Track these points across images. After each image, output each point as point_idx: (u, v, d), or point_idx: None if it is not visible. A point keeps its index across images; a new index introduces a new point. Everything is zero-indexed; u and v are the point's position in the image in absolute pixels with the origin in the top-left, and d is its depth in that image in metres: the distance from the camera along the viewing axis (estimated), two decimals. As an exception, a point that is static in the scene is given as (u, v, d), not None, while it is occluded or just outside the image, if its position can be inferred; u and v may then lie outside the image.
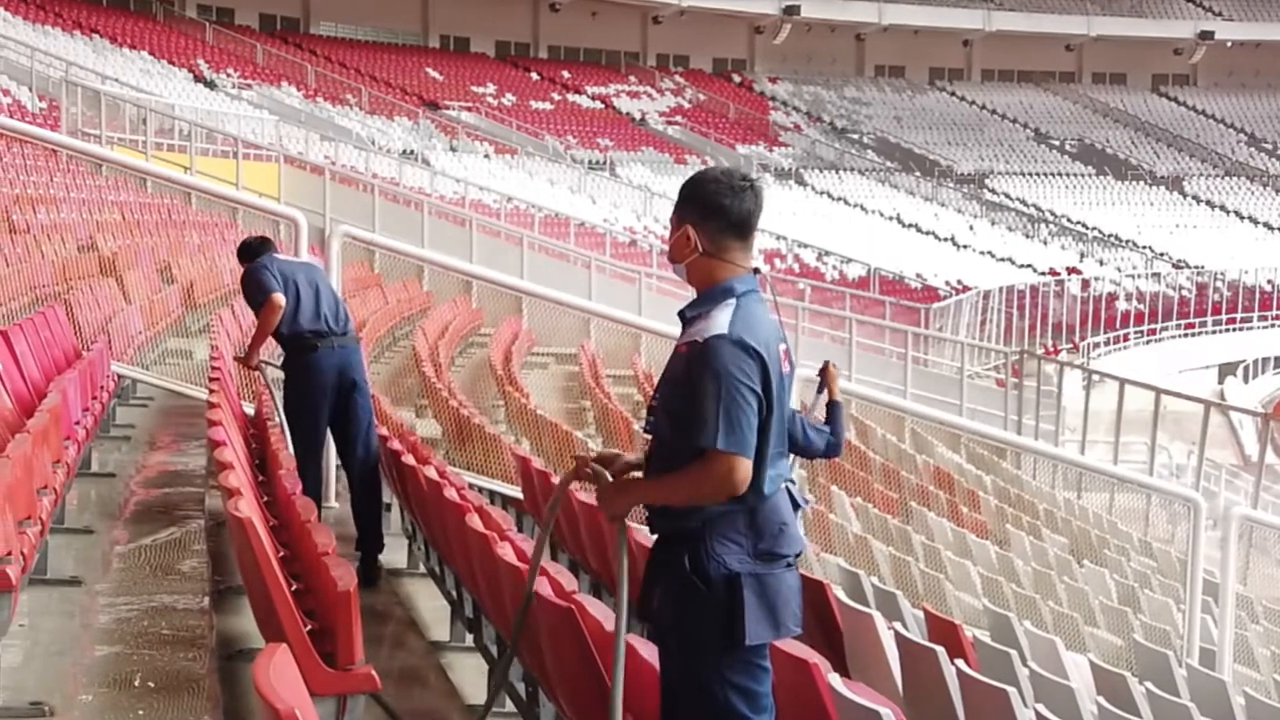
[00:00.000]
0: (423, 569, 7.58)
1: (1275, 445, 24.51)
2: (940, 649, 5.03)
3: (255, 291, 7.59)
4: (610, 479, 3.84)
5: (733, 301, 3.63)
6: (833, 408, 4.68)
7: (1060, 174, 52.33)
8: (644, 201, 39.17)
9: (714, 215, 3.68)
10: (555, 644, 4.23)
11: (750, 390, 3.55)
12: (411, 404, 12.65)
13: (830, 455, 4.40)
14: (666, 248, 3.80)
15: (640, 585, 3.80)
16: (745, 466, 3.54)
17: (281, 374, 7.85)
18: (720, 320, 3.60)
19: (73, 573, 5.98)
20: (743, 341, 3.57)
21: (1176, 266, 44.30)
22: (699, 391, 3.54)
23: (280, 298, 7.49)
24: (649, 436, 3.75)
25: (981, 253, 43.24)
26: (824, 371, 5.09)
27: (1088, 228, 47.55)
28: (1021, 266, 42.11)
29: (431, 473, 6.85)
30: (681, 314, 3.75)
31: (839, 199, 45.89)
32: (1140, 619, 10.59)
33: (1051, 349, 31.41)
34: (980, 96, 57.02)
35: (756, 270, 3.75)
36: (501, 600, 4.96)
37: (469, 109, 44.68)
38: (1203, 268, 42.99)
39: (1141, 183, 52.49)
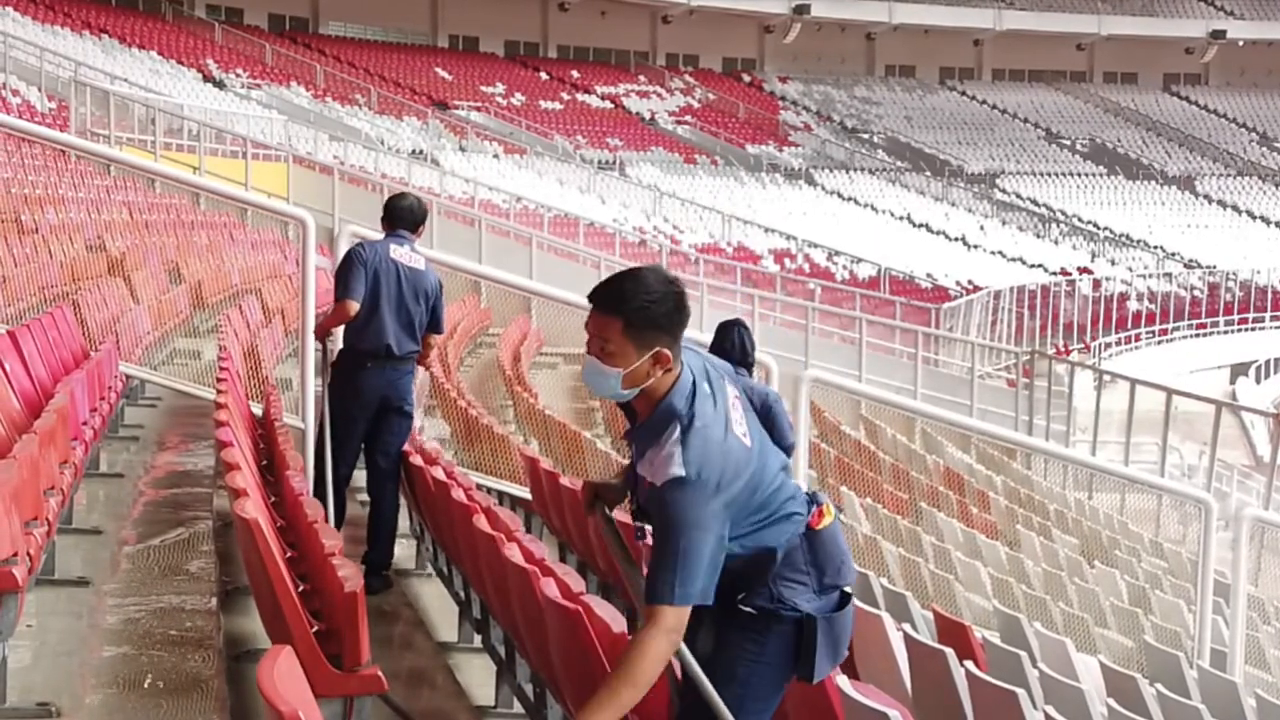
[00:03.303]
0: (431, 569, 7.57)
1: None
2: (949, 650, 5.01)
3: (336, 284, 7.17)
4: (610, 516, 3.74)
5: (676, 427, 3.37)
6: None
7: (1071, 174, 52.25)
8: (653, 201, 39.16)
9: (677, 328, 3.40)
10: (563, 645, 4.22)
11: (713, 534, 3.32)
12: (420, 403, 12.64)
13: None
14: (612, 373, 3.39)
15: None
16: (684, 615, 3.31)
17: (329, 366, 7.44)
18: (672, 459, 3.34)
19: (80, 573, 5.97)
20: (698, 473, 3.32)
21: (1188, 266, 44.21)
22: (658, 535, 3.33)
23: (352, 306, 7.00)
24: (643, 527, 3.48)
25: (992, 252, 43.18)
26: None
27: (1099, 227, 47.47)
28: (1032, 266, 42.05)
29: (439, 473, 6.84)
30: (630, 436, 3.50)
31: (849, 199, 45.85)
32: (1151, 620, 10.56)
33: (1062, 349, 31.35)
34: (991, 96, 56.95)
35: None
36: (509, 601, 4.94)
37: (478, 109, 44.70)
38: (1214, 267, 42.91)
39: (1153, 182, 52.39)
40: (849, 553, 3.66)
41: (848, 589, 3.62)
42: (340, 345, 7.33)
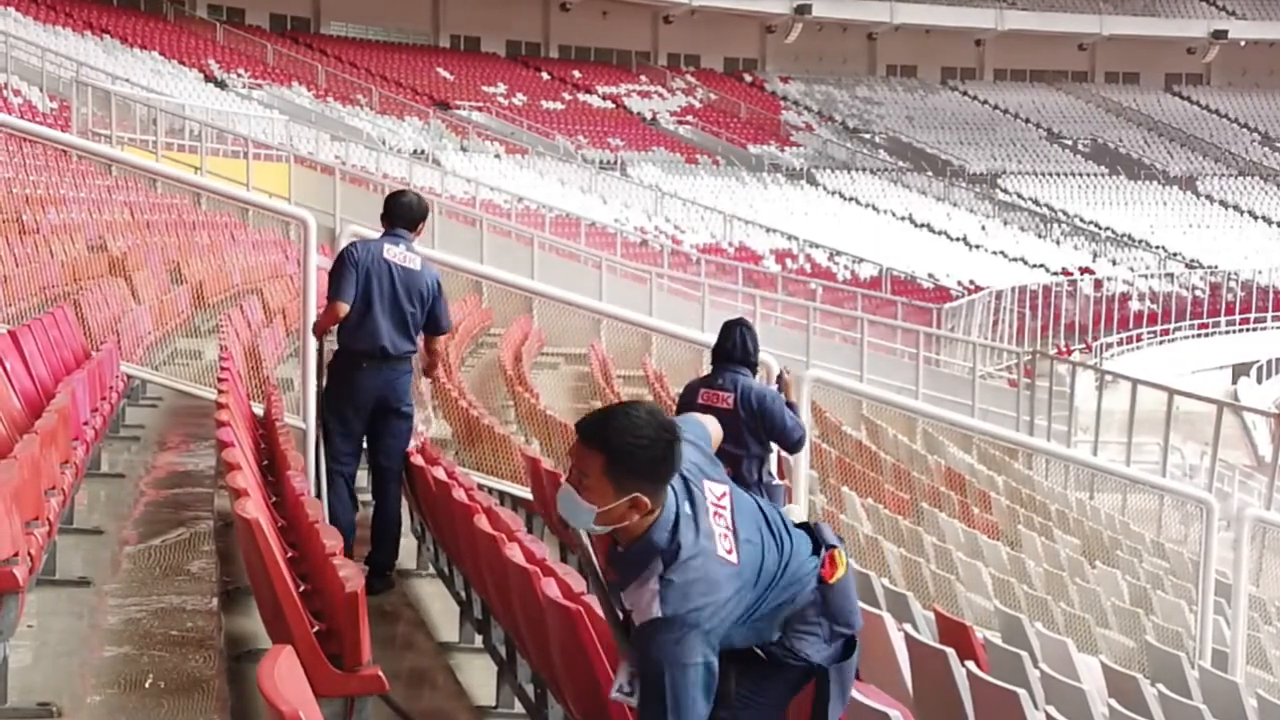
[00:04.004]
0: (432, 570, 7.57)
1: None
2: (951, 650, 5.01)
3: (329, 284, 7.11)
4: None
5: (655, 565, 3.26)
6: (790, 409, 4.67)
7: (1073, 174, 52.24)
8: (655, 202, 39.17)
9: (665, 476, 3.27)
10: (563, 646, 4.21)
11: (699, 664, 3.22)
12: (421, 403, 12.63)
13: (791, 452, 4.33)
14: (585, 508, 3.26)
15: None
16: None
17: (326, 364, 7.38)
18: (649, 601, 3.24)
19: (81, 573, 5.97)
20: (678, 612, 3.21)
21: (1190, 266, 44.20)
22: (645, 673, 3.25)
23: (342, 308, 6.97)
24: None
25: (994, 253, 43.18)
26: (780, 379, 5.11)
27: (1100, 228, 47.46)
28: (1034, 266, 42.05)
29: (440, 473, 6.84)
30: (609, 568, 3.40)
31: (851, 199, 45.85)
32: (1152, 620, 10.55)
33: (1064, 349, 31.35)
34: (992, 96, 56.94)
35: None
36: (510, 601, 4.94)
37: (479, 109, 44.71)
38: (1216, 268, 42.91)
39: (1155, 182, 52.38)
40: (857, 601, 3.59)
41: (855, 636, 3.55)
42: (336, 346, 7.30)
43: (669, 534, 3.27)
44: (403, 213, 7.22)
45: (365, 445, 7.33)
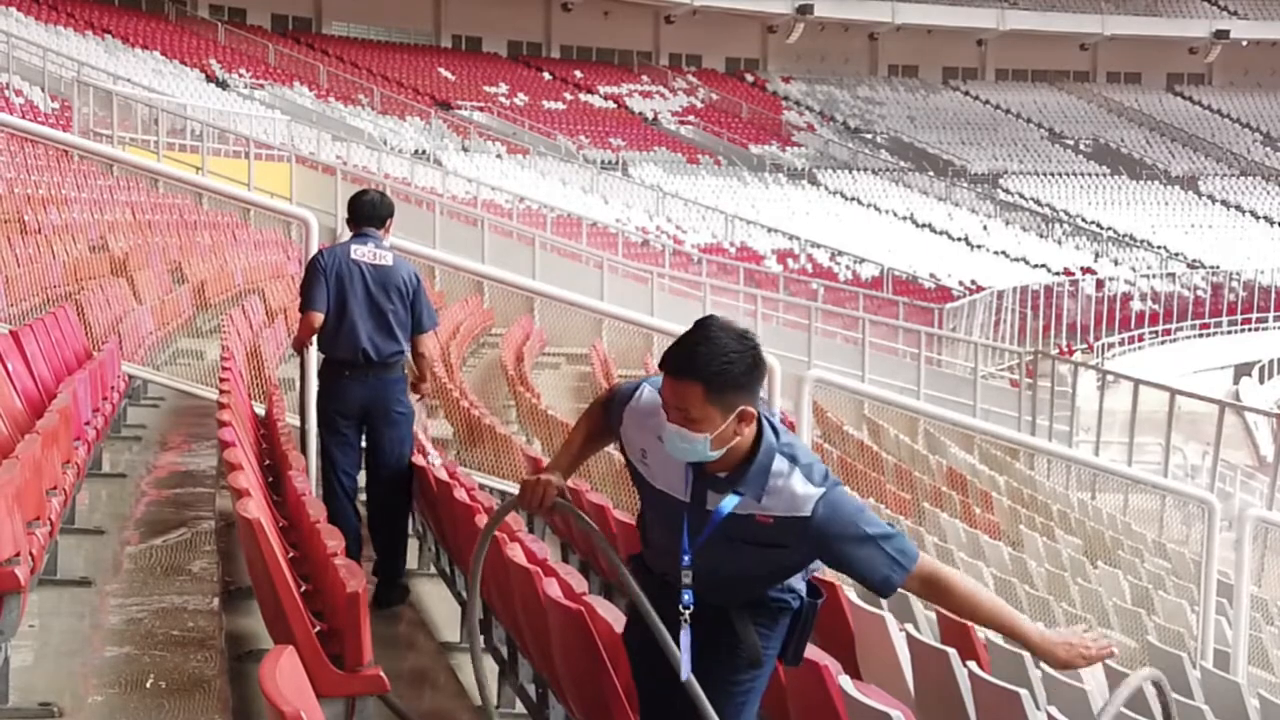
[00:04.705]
0: (433, 569, 7.57)
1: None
2: (952, 650, 5.01)
3: (300, 295, 7.02)
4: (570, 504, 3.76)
5: (780, 459, 3.44)
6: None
7: (1074, 173, 52.22)
8: (657, 202, 39.17)
9: (756, 385, 3.42)
10: (565, 646, 4.21)
11: (861, 507, 3.49)
12: (423, 404, 12.64)
13: None
14: (699, 439, 3.38)
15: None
16: (925, 562, 3.52)
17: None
18: (798, 485, 3.42)
19: (83, 573, 5.98)
20: (829, 482, 3.43)
21: (1191, 266, 44.18)
22: (847, 559, 3.43)
23: (316, 318, 6.85)
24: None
25: (995, 253, 43.17)
26: None
27: (1102, 227, 47.45)
28: (1035, 266, 42.03)
29: (442, 473, 6.84)
30: (714, 486, 3.49)
31: (852, 199, 45.84)
32: (1154, 620, 10.55)
33: (1066, 349, 31.33)
34: (994, 96, 56.93)
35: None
36: (511, 601, 4.94)
37: (481, 109, 44.71)
38: (1218, 268, 42.88)
39: (1156, 182, 52.36)
40: None
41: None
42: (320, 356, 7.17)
43: (773, 435, 3.45)
44: (367, 211, 7.02)
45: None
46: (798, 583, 3.66)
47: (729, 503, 3.45)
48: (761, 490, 3.42)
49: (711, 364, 3.32)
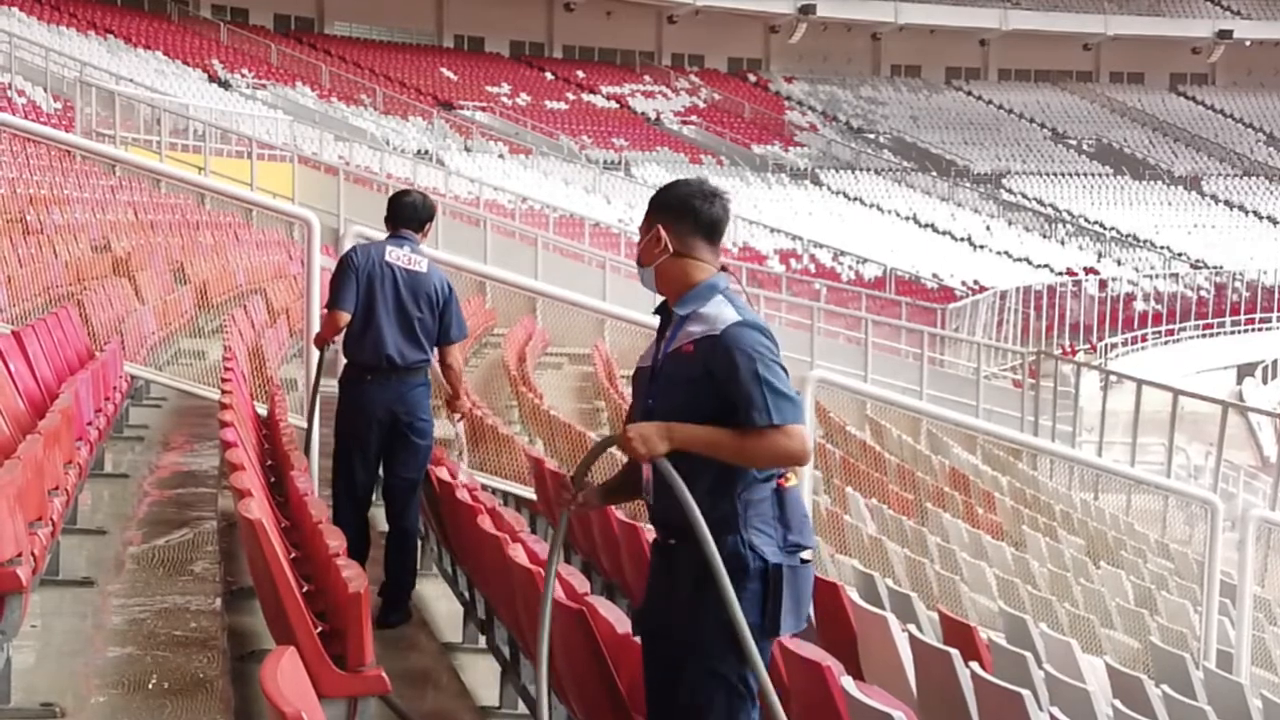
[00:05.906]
0: (435, 570, 7.56)
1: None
2: (955, 651, 5.00)
3: (329, 292, 6.71)
4: (597, 495, 3.97)
5: (720, 297, 3.73)
6: None
7: (1077, 174, 52.20)
8: (659, 202, 39.11)
9: (686, 217, 3.80)
10: (567, 646, 4.21)
11: (780, 365, 3.66)
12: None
13: None
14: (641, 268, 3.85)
15: (647, 587, 3.87)
16: (802, 432, 3.63)
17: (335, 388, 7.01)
18: (726, 312, 3.69)
19: (85, 573, 5.98)
20: (758, 324, 3.68)
21: (1194, 266, 44.16)
22: (733, 379, 3.62)
23: (341, 317, 6.61)
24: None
25: (998, 253, 43.16)
26: None
27: (1105, 228, 47.43)
28: (1038, 266, 42.02)
29: (444, 474, 6.83)
30: (664, 312, 3.82)
31: (855, 199, 45.83)
32: (1157, 621, 10.54)
33: (1068, 349, 31.32)
34: (997, 96, 56.91)
35: (725, 268, 3.84)
36: (513, 602, 4.94)
37: (483, 109, 44.72)
38: (1221, 268, 42.87)
39: (1159, 182, 52.34)
40: (809, 519, 3.88)
41: (806, 556, 3.78)
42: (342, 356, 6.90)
43: (725, 287, 3.77)
44: (407, 213, 6.81)
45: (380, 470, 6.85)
46: (759, 540, 3.66)
47: (671, 338, 3.75)
48: (689, 312, 3.72)
49: (660, 192, 3.87)
